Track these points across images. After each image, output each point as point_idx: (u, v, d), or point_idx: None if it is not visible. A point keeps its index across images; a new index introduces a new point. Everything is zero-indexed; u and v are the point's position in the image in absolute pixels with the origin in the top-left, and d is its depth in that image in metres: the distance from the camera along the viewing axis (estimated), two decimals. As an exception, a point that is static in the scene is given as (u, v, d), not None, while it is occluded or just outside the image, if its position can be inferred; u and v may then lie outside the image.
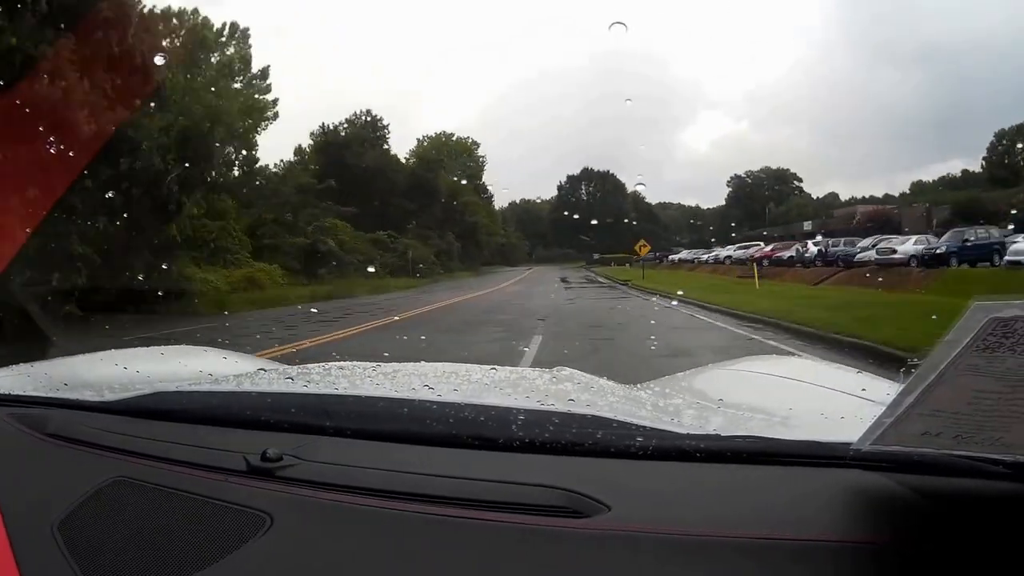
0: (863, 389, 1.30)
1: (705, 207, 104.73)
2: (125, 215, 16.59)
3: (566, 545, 0.82)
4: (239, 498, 0.94)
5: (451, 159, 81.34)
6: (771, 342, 10.53)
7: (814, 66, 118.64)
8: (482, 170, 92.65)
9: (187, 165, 19.84)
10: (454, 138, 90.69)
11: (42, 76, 13.00)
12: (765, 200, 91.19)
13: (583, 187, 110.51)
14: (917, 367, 0.70)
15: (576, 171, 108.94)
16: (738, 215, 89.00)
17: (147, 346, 2.00)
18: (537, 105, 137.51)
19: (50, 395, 1.39)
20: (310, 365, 1.76)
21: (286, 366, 1.85)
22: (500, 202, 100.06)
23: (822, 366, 1.93)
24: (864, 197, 76.15)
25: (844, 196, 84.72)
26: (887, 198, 68.82)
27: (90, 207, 15.52)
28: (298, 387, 1.43)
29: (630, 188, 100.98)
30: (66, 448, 1.17)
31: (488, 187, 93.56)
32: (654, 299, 21.73)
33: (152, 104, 18.23)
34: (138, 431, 1.19)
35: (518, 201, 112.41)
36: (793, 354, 7.62)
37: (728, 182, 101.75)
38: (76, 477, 1.04)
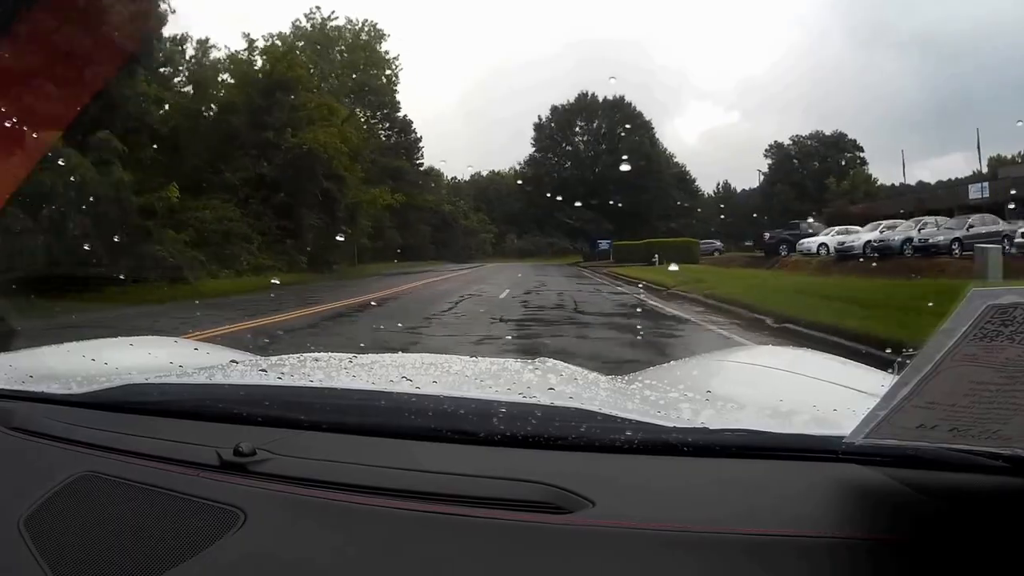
0: (857, 381, 1.28)
1: (736, 187, 76.84)
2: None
3: (549, 541, 0.79)
4: (212, 493, 0.91)
5: (328, 61, 47.76)
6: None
7: (808, 53, 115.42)
8: (392, 86, 54.54)
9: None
10: (338, 23, 50.84)
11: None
12: (821, 173, 67.79)
13: (580, 125, 70.80)
14: (913, 357, 0.67)
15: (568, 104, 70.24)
16: (785, 193, 66.65)
17: None
18: (517, 94, 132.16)
19: (14, 388, 1.34)
20: (284, 356, 1.73)
21: (259, 357, 1.81)
22: (456, 174, 69.89)
23: (815, 357, 1.91)
24: (894, 185, 59.42)
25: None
26: (921, 185, 54.48)
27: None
28: (271, 379, 1.39)
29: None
30: (32, 442, 1.13)
31: (409, 121, 56.79)
32: None
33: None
34: (106, 424, 1.16)
35: (484, 174, 75.27)
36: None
37: (766, 152, 73.81)
38: (43, 472, 1.01)
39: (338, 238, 31.49)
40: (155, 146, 23.88)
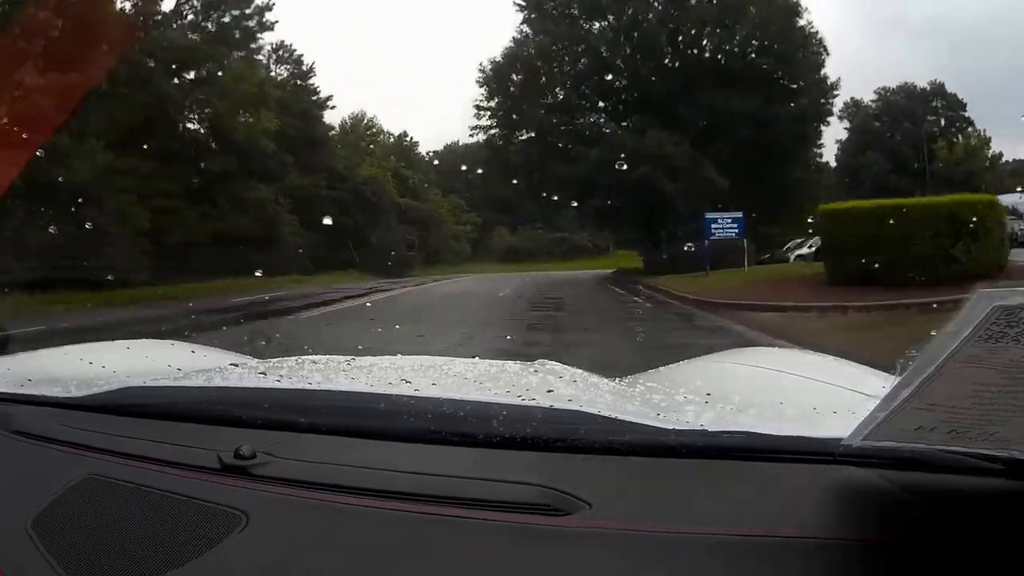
0: (858, 382, 1.28)
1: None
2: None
3: (546, 543, 0.79)
4: (213, 496, 0.91)
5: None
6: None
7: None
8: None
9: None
10: None
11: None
12: (920, 137, 48.57)
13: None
14: (915, 359, 0.67)
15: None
16: (878, 163, 50.06)
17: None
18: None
19: (13, 391, 1.34)
20: (282, 359, 1.73)
21: (257, 360, 1.81)
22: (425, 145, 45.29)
23: (815, 358, 1.91)
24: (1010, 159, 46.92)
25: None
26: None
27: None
28: (270, 382, 1.39)
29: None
30: (32, 445, 1.13)
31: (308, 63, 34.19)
32: None
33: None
34: (106, 427, 1.16)
35: (462, 143, 47.06)
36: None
37: (841, 112, 49.86)
38: (45, 475, 1.02)
39: None
40: None
